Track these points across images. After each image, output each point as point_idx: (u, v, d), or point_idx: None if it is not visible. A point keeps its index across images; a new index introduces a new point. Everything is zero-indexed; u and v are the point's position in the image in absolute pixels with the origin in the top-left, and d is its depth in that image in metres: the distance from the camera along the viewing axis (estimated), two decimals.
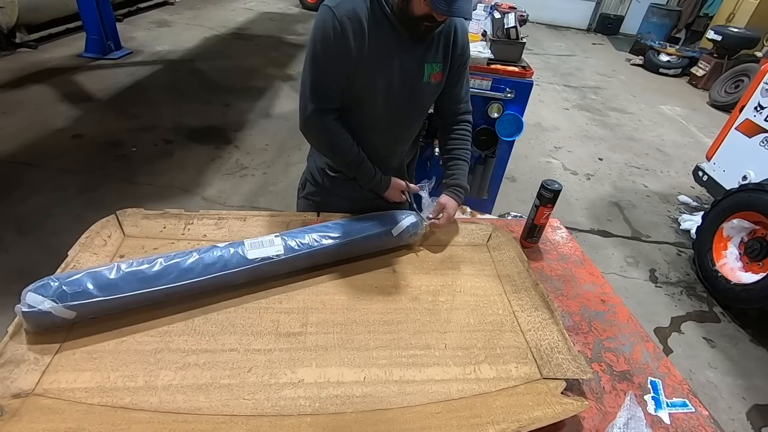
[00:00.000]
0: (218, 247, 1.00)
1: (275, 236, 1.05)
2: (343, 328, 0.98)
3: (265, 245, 1.03)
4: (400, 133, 1.28)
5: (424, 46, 1.12)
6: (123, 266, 0.91)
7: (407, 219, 1.20)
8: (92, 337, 0.88)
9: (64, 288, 0.84)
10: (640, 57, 7.54)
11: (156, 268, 0.92)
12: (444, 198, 1.27)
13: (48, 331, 0.86)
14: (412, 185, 1.29)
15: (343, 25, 1.01)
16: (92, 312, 0.88)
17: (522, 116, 2.26)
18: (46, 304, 0.82)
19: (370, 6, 1.04)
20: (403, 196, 1.30)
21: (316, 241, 1.08)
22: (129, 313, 0.93)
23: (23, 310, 0.81)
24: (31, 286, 0.84)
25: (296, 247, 1.05)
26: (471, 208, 2.32)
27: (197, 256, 0.96)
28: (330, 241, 1.09)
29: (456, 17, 1.00)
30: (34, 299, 0.82)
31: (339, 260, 1.14)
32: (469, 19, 1.02)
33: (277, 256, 1.02)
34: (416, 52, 1.11)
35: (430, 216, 1.24)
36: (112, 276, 0.89)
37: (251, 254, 1.00)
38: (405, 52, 1.10)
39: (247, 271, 1.00)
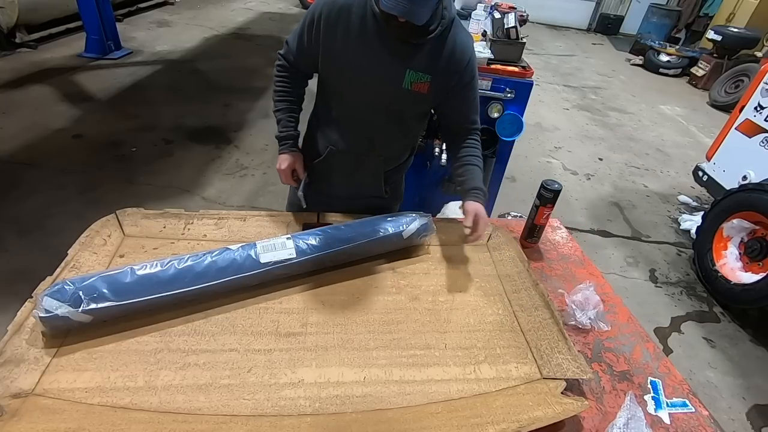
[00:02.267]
0: (231, 249, 1.00)
1: (287, 238, 1.05)
2: (343, 328, 0.98)
3: (278, 248, 1.02)
4: (375, 134, 1.23)
5: (409, 53, 1.09)
6: (137, 270, 0.91)
7: (417, 221, 1.19)
8: (92, 338, 0.88)
9: (80, 293, 0.84)
10: (640, 57, 7.54)
11: (170, 272, 0.92)
12: (469, 205, 1.18)
13: (59, 333, 0.87)
14: (301, 171, 1.29)
15: (340, 11, 1.07)
16: (107, 316, 0.88)
17: (522, 116, 2.26)
18: (62, 309, 0.82)
19: (365, 4, 1.06)
20: (292, 180, 1.29)
21: (327, 244, 1.08)
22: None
23: (40, 315, 0.82)
24: (47, 290, 0.84)
25: (308, 250, 1.05)
26: None
27: (210, 259, 0.96)
28: (340, 244, 1.09)
29: (398, 15, 0.95)
30: (50, 304, 0.82)
31: (347, 262, 1.14)
32: (417, 22, 0.97)
33: (288, 259, 1.02)
34: (399, 55, 1.09)
35: (467, 226, 1.17)
36: (127, 280, 0.89)
37: (264, 258, 1.00)
38: (388, 54, 1.09)
39: (260, 275, 1.00)
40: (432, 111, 1.33)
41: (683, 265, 3.01)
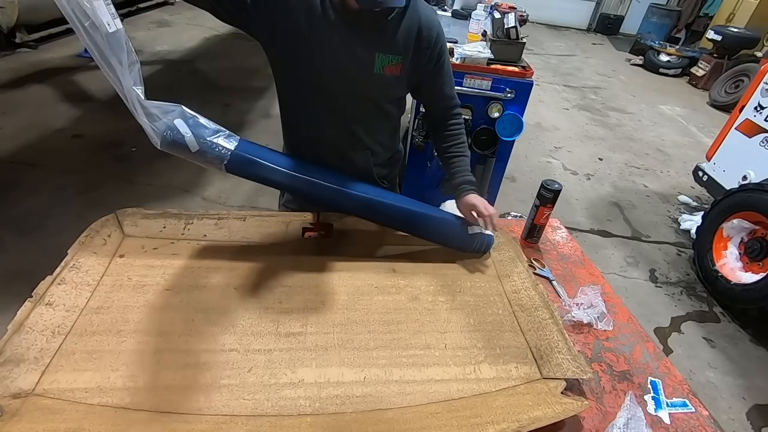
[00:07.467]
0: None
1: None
2: (343, 328, 0.98)
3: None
4: (356, 125, 1.21)
5: (377, 35, 1.07)
6: None
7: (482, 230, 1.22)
8: (92, 337, 0.88)
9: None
10: (640, 57, 7.53)
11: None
12: (461, 203, 1.21)
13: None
14: None
15: None
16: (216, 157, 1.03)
17: (522, 116, 2.26)
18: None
19: None
20: None
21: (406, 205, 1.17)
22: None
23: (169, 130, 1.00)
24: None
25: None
26: None
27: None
28: (416, 209, 1.18)
29: (380, 7, 0.96)
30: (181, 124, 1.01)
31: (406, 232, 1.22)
32: (398, 5, 0.98)
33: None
34: (368, 39, 1.07)
35: (473, 224, 1.22)
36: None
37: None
38: (355, 38, 1.06)
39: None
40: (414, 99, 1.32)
41: (683, 265, 3.01)
